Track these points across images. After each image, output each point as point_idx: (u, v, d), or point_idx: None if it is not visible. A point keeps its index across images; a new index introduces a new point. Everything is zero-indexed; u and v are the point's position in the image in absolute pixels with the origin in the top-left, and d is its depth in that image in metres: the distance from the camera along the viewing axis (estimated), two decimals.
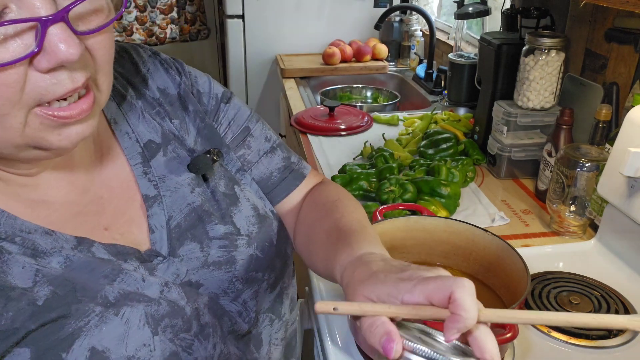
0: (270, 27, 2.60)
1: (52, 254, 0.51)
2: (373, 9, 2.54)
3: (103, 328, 0.50)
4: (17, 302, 0.47)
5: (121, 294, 0.52)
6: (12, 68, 0.42)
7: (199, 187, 0.64)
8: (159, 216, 0.60)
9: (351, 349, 0.77)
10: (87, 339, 0.49)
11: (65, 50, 0.42)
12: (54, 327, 0.48)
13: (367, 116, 1.78)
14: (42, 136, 0.47)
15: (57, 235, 0.52)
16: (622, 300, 0.87)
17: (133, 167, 0.62)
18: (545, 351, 0.78)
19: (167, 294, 0.56)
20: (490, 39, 1.41)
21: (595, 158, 1.01)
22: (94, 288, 0.51)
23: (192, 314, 0.56)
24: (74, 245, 0.53)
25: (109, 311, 0.51)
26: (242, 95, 2.75)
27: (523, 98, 1.30)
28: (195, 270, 0.60)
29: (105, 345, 0.50)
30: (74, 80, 0.45)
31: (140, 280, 0.54)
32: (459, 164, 1.27)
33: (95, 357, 0.49)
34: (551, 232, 1.11)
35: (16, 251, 0.49)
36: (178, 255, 0.60)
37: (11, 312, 0.46)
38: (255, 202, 0.68)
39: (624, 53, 1.17)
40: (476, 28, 2.20)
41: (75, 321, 0.49)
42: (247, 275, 0.63)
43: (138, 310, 0.52)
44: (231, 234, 0.63)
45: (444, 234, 0.83)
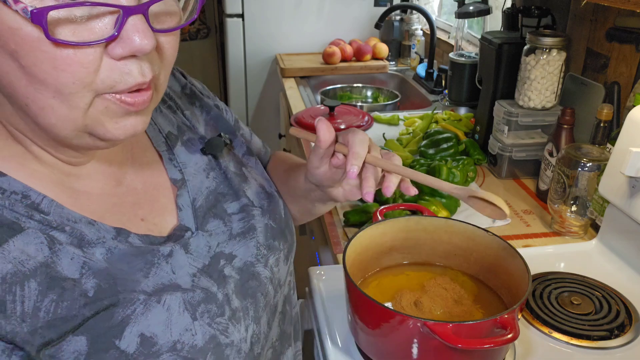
0: (270, 26, 2.60)
1: (96, 244, 0.53)
2: (373, 7, 2.54)
3: (148, 315, 0.52)
4: (71, 292, 0.49)
5: (157, 287, 0.55)
6: (89, 48, 0.44)
7: (213, 172, 0.69)
8: (185, 197, 0.64)
9: (351, 349, 0.77)
10: (136, 325, 0.51)
11: (140, 41, 0.45)
12: (105, 315, 0.50)
13: (368, 116, 1.77)
14: (101, 121, 0.48)
15: (99, 226, 0.54)
16: (623, 300, 0.87)
17: (161, 153, 0.66)
18: (546, 352, 0.78)
19: (199, 282, 0.58)
20: (491, 38, 1.40)
21: (597, 158, 1.01)
22: (132, 281, 0.53)
23: (224, 299, 0.59)
24: (114, 236, 0.55)
25: (152, 299, 0.53)
26: (242, 94, 2.75)
27: (524, 97, 1.29)
28: (225, 243, 0.64)
29: (153, 331, 0.52)
30: (143, 74, 0.48)
31: (171, 273, 0.57)
32: (460, 163, 1.27)
33: (146, 343, 0.52)
34: (552, 233, 1.11)
35: (65, 241, 0.51)
36: (206, 230, 0.63)
37: (67, 301, 0.48)
38: (261, 182, 0.74)
39: (625, 52, 1.17)
40: (477, 27, 2.19)
41: (124, 309, 0.51)
42: (267, 243, 0.68)
43: (176, 297, 0.55)
44: (246, 205, 0.68)
45: (444, 234, 0.83)
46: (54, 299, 0.48)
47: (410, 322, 0.63)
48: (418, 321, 0.62)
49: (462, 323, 0.62)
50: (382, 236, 0.82)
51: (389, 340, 0.68)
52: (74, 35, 0.43)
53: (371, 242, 0.81)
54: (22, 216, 0.49)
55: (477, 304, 0.76)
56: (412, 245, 0.85)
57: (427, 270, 0.84)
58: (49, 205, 0.51)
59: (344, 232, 1.12)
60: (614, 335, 0.79)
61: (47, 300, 0.47)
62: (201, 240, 0.62)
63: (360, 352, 0.76)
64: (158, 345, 0.52)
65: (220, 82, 3.65)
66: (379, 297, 0.74)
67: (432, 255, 0.85)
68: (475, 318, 0.73)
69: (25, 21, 0.42)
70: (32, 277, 0.47)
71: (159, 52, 0.50)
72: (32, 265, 0.48)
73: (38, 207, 0.51)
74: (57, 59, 0.43)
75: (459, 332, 0.60)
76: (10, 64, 0.44)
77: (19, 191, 0.51)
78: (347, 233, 1.11)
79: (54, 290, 0.48)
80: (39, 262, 0.48)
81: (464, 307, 0.75)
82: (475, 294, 0.78)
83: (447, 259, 0.84)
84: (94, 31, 0.44)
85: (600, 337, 0.79)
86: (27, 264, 0.47)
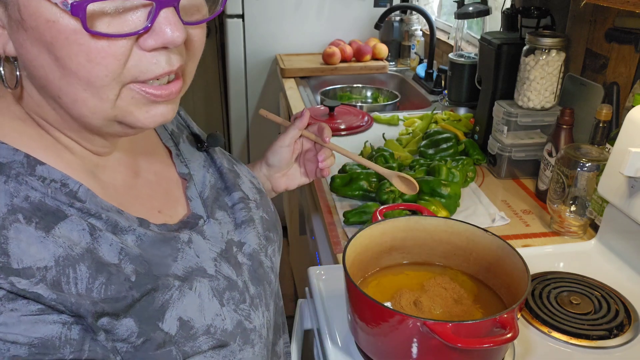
0: (270, 26, 2.60)
1: (128, 232, 0.54)
2: (373, 8, 2.54)
3: (184, 301, 0.54)
4: (117, 277, 0.50)
5: (187, 271, 0.57)
6: (123, 40, 0.45)
7: (211, 168, 0.72)
8: (193, 190, 0.67)
9: (351, 349, 0.77)
10: (175, 310, 0.53)
11: (171, 33, 0.46)
12: (149, 298, 0.52)
13: (367, 116, 1.78)
14: (131, 111, 0.50)
15: (126, 215, 0.56)
16: (622, 300, 0.87)
17: (170, 148, 0.69)
18: (545, 351, 0.78)
19: (220, 268, 0.61)
20: (490, 38, 1.41)
21: (596, 158, 1.01)
22: (164, 266, 0.55)
23: (243, 287, 0.62)
24: (138, 224, 0.56)
25: (184, 285, 0.55)
26: (242, 95, 2.75)
27: (523, 98, 1.29)
28: (233, 231, 0.67)
29: (189, 315, 0.54)
30: (170, 63, 0.49)
31: (195, 257, 0.59)
32: (459, 164, 1.27)
33: (184, 326, 0.54)
34: (551, 232, 1.11)
35: (103, 228, 0.52)
36: (216, 218, 0.66)
37: (114, 284, 0.50)
38: (250, 179, 0.78)
39: (625, 53, 1.17)
40: (476, 28, 2.19)
41: (162, 294, 0.53)
42: (264, 234, 0.71)
43: (205, 284, 0.57)
44: (243, 198, 0.71)
45: (444, 234, 0.83)
46: (103, 282, 0.49)
47: (409, 321, 0.63)
48: (418, 321, 0.62)
49: (462, 323, 0.62)
50: (382, 236, 0.82)
51: (389, 340, 0.68)
52: (109, 27, 0.45)
53: (371, 242, 0.81)
54: (63, 204, 0.50)
55: (476, 304, 0.76)
56: (411, 245, 0.85)
57: (426, 270, 0.84)
58: (85, 194, 0.53)
59: (344, 232, 1.12)
60: (613, 335, 0.80)
61: (97, 282, 0.49)
62: (214, 228, 0.65)
63: (360, 351, 0.76)
64: (195, 328, 0.54)
65: (221, 82, 3.65)
66: (378, 297, 0.75)
67: (431, 255, 0.85)
68: (474, 318, 0.74)
69: (63, 13, 0.43)
70: (81, 261, 0.49)
71: (187, 44, 0.51)
72: (79, 251, 0.49)
73: (76, 196, 0.52)
74: (92, 51, 0.45)
75: (458, 332, 0.61)
76: (45, 56, 0.45)
77: (58, 179, 0.52)
78: (347, 233, 1.11)
79: (102, 274, 0.49)
80: (83, 248, 0.49)
81: (463, 307, 0.75)
82: (475, 294, 0.79)
83: (446, 259, 0.84)
84: (127, 23, 0.45)
85: (600, 337, 0.79)
86: (75, 249, 0.49)
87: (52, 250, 0.47)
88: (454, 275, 0.83)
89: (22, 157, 0.50)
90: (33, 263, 0.46)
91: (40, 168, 0.51)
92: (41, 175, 0.51)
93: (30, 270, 0.45)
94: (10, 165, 0.49)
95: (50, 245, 0.47)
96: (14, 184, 0.48)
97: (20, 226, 0.46)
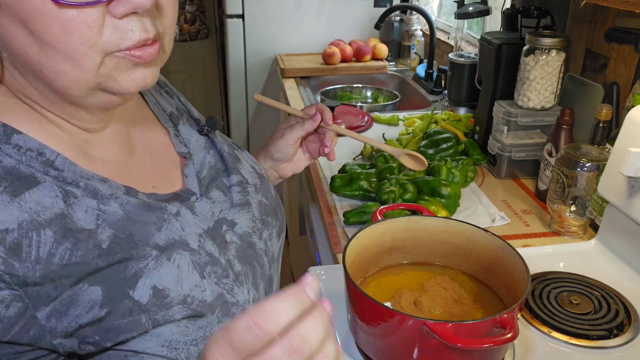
0: (270, 26, 2.60)
1: (110, 198, 0.56)
2: (373, 8, 2.54)
3: (160, 270, 0.55)
4: (85, 243, 0.51)
5: (169, 241, 0.58)
6: (92, 8, 0.47)
7: (211, 150, 0.73)
8: (190, 168, 0.68)
9: (351, 349, 0.77)
10: (149, 278, 0.54)
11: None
12: (119, 267, 0.53)
13: (367, 116, 1.78)
14: (114, 76, 0.51)
15: (110, 183, 0.57)
16: (622, 300, 0.87)
17: (169, 128, 0.71)
18: (545, 351, 0.78)
19: (204, 244, 0.61)
20: (490, 38, 1.41)
21: (596, 158, 1.01)
22: (146, 233, 0.56)
23: (226, 264, 0.62)
24: (124, 192, 0.58)
25: (162, 256, 0.56)
26: (242, 95, 2.75)
27: (523, 98, 1.29)
28: (227, 210, 0.68)
29: (165, 284, 0.55)
30: (145, 29, 0.50)
31: (180, 230, 0.60)
32: (459, 163, 1.27)
33: (158, 295, 0.54)
34: (551, 232, 1.11)
35: (80, 194, 0.54)
36: (209, 197, 0.67)
37: (81, 251, 0.51)
38: (252, 164, 0.79)
39: (625, 53, 1.17)
40: (476, 28, 2.20)
41: (137, 263, 0.54)
42: (261, 217, 0.72)
43: (185, 257, 0.58)
44: (242, 182, 0.72)
45: (444, 234, 0.83)
46: (69, 248, 0.50)
47: (410, 321, 0.63)
48: (418, 321, 0.62)
49: (462, 323, 0.62)
50: (381, 236, 0.82)
51: (389, 340, 0.68)
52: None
53: (371, 242, 0.81)
54: (37, 171, 0.52)
55: (476, 304, 0.76)
56: (411, 245, 0.85)
57: (426, 270, 0.84)
58: (63, 163, 0.54)
59: (344, 232, 1.12)
60: (613, 335, 0.80)
61: (62, 248, 0.50)
62: (205, 206, 0.65)
63: (360, 351, 0.76)
64: (170, 297, 0.55)
65: (221, 82, 3.65)
66: (378, 297, 0.75)
67: (431, 255, 0.85)
68: (474, 318, 0.74)
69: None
70: (47, 226, 0.50)
71: (160, 11, 0.53)
72: (48, 216, 0.50)
73: (52, 164, 0.53)
74: (64, 22, 0.46)
75: (458, 332, 0.61)
76: (21, 32, 0.47)
77: (35, 148, 0.53)
78: (347, 233, 1.11)
79: (69, 239, 0.51)
80: (54, 214, 0.51)
81: (463, 307, 0.75)
82: (475, 294, 0.79)
83: (446, 259, 0.85)
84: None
85: (600, 337, 0.79)
86: (43, 214, 0.50)
87: (15, 215, 0.48)
88: (454, 275, 0.83)
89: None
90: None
91: (17, 137, 0.52)
92: (17, 144, 0.52)
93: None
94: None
95: (14, 210, 0.49)
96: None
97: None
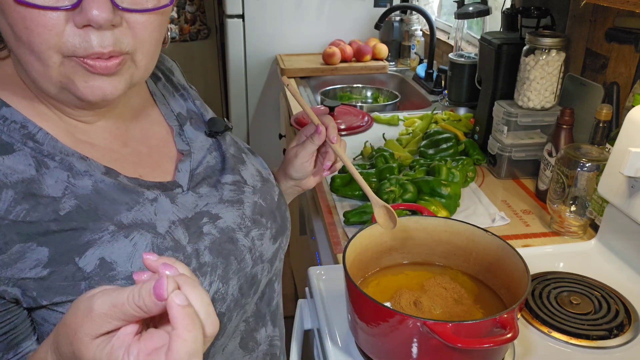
0: (270, 26, 2.60)
1: (84, 175, 0.58)
2: (373, 8, 2.54)
3: (114, 245, 0.57)
4: (44, 207, 0.55)
5: (134, 221, 0.59)
6: (52, 12, 0.50)
7: (215, 152, 0.75)
8: (186, 164, 0.70)
9: (351, 349, 0.77)
10: (99, 250, 0.56)
11: (96, 13, 0.50)
12: (72, 234, 0.55)
13: (367, 116, 1.78)
14: (72, 79, 0.54)
15: (90, 162, 0.59)
16: (622, 300, 0.87)
17: (173, 126, 0.72)
18: (545, 351, 0.78)
19: (173, 231, 0.62)
20: (490, 38, 1.41)
21: (596, 158, 1.01)
22: (112, 210, 0.58)
23: (192, 253, 0.62)
24: (103, 172, 0.60)
25: (120, 232, 0.58)
26: (242, 95, 2.75)
27: (523, 98, 1.29)
28: (214, 204, 0.68)
29: (114, 258, 0.56)
30: (102, 45, 0.52)
31: (152, 214, 0.61)
32: (459, 164, 1.27)
33: (104, 266, 0.56)
34: (552, 232, 1.11)
35: (54, 166, 0.57)
36: (197, 192, 0.68)
37: (37, 213, 0.54)
38: (259, 169, 0.79)
39: (625, 53, 1.17)
40: (476, 28, 2.20)
41: (91, 234, 0.56)
42: (253, 217, 0.72)
43: (146, 238, 0.59)
44: (238, 182, 0.73)
45: (444, 234, 0.83)
46: (26, 208, 0.54)
47: (410, 321, 0.63)
48: (418, 321, 0.62)
49: (462, 323, 0.62)
50: (381, 236, 0.82)
51: (389, 340, 0.68)
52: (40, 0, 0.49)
53: (371, 242, 0.81)
54: (17, 142, 0.56)
55: (476, 304, 0.76)
56: (411, 245, 0.85)
57: (426, 270, 0.84)
58: (44, 137, 0.58)
59: (344, 232, 1.12)
60: (613, 335, 0.80)
61: (19, 207, 0.54)
62: (189, 198, 0.66)
63: (360, 351, 0.76)
64: (116, 271, 0.56)
65: (221, 82, 3.65)
66: (378, 297, 0.75)
67: (431, 255, 0.85)
68: (474, 318, 0.74)
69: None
70: (11, 187, 0.54)
71: (130, 29, 0.55)
72: (15, 179, 0.54)
73: (34, 138, 0.57)
74: (27, 19, 0.50)
75: (458, 332, 0.61)
76: (3, 22, 0.52)
77: (19, 121, 0.57)
78: (347, 233, 1.11)
79: (29, 202, 0.54)
80: (21, 178, 0.55)
81: (464, 307, 0.75)
82: (475, 294, 0.79)
83: (446, 259, 0.85)
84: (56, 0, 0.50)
85: (600, 337, 0.79)
86: (11, 177, 0.54)
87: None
88: (454, 275, 0.83)
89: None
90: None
91: (5, 110, 0.57)
92: (3, 115, 0.56)
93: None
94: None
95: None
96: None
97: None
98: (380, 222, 0.80)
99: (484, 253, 0.80)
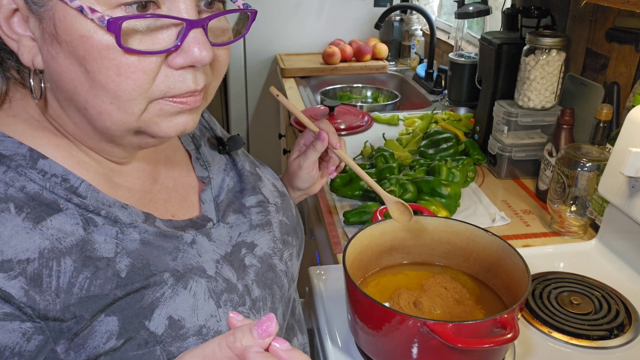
0: (270, 26, 2.60)
1: (130, 226, 0.55)
2: (373, 8, 2.54)
3: (176, 299, 0.54)
4: (104, 272, 0.51)
5: (185, 269, 0.57)
6: (152, 57, 0.48)
7: (232, 171, 0.73)
8: (208, 193, 0.68)
9: (351, 349, 0.77)
10: (165, 308, 0.53)
11: (199, 52, 0.48)
12: (136, 296, 0.52)
13: (367, 116, 1.77)
14: (156, 121, 0.52)
15: (131, 209, 0.57)
16: (623, 300, 0.87)
17: (190, 151, 0.71)
18: (545, 351, 0.78)
19: (221, 270, 0.60)
20: (490, 38, 1.40)
21: (596, 158, 1.01)
22: (161, 262, 0.56)
23: (244, 290, 0.61)
24: (143, 220, 0.57)
25: (179, 284, 0.55)
26: (242, 95, 2.75)
27: (524, 98, 1.29)
28: (246, 232, 0.67)
29: (180, 314, 0.54)
30: (196, 82, 0.51)
31: (197, 256, 0.59)
32: (460, 163, 1.27)
33: (174, 326, 0.53)
34: (552, 232, 1.11)
35: (101, 223, 0.53)
36: (227, 222, 0.67)
37: (100, 279, 0.51)
38: (273, 182, 0.78)
39: (625, 53, 1.17)
40: (477, 27, 2.19)
41: (153, 292, 0.53)
42: (282, 237, 0.71)
43: (201, 285, 0.57)
44: (262, 202, 0.72)
45: (444, 234, 0.83)
46: (88, 277, 0.50)
47: (410, 321, 0.63)
48: (418, 321, 0.62)
49: (462, 323, 0.62)
50: (381, 236, 0.82)
51: (389, 340, 0.68)
52: (140, 44, 0.47)
53: (371, 242, 0.81)
54: (60, 198, 0.52)
55: (477, 304, 0.76)
56: (411, 245, 0.85)
57: (426, 270, 0.84)
58: (87, 190, 0.54)
59: (344, 232, 1.12)
60: (613, 335, 0.80)
61: (81, 277, 0.49)
62: (222, 231, 0.65)
63: (360, 351, 0.76)
64: (185, 328, 0.54)
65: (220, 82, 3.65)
66: (378, 297, 0.75)
67: (431, 255, 0.85)
68: (475, 318, 0.73)
69: (98, 29, 0.46)
70: (67, 254, 0.49)
71: (212, 64, 0.54)
72: (69, 244, 0.50)
73: (76, 191, 0.53)
74: (122, 66, 0.47)
75: (458, 332, 0.61)
76: (76, 69, 0.48)
77: (59, 174, 0.53)
78: (347, 233, 1.11)
79: (88, 268, 0.50)
80: (74, 241, 0.50)
81: (464, 307, 0.75)
82: (476, 294, 0.79)
83: (446, 259, 0.84)
84: (158, 41, 0.48)
85: (600, 337, 0.79)
86: (64, 241, 0.50)
87: (37, 242, 0.48)
88: (454, 275, 0.83)
89: (25, 150, 0.52)
90: (14, 255, 0.46)
91: (43, 162, 0.52)
92: (42, 169, 0.52)
93: (9, 264, 0.46)
94: (12, 157, 0.51)
95: (36, 237, 0.48)
96: (13, 174, 0.50)
97: (8, 216, 0.48)
98: (395, 217, 0.81)
99: (484, 253, 0.80)
